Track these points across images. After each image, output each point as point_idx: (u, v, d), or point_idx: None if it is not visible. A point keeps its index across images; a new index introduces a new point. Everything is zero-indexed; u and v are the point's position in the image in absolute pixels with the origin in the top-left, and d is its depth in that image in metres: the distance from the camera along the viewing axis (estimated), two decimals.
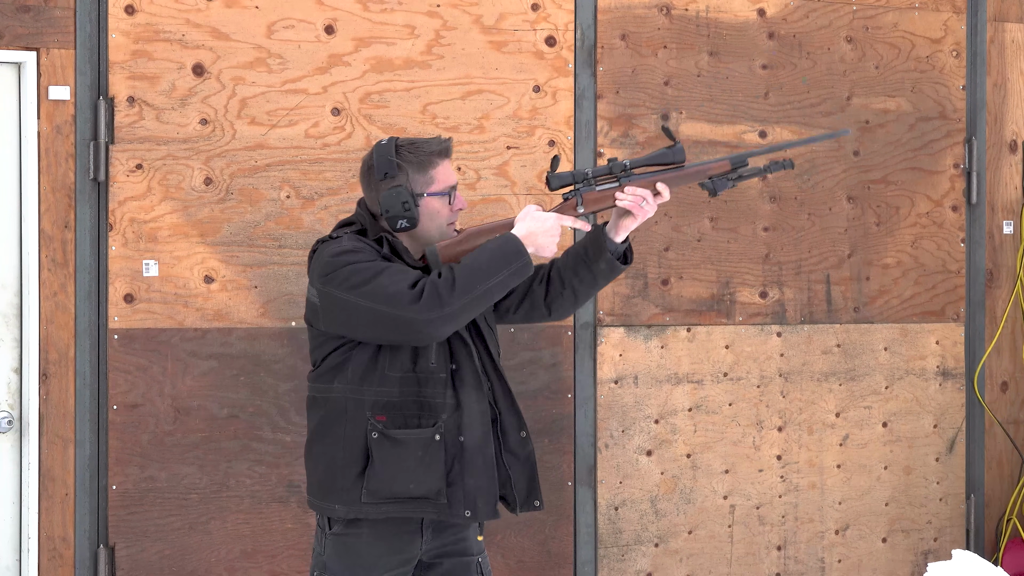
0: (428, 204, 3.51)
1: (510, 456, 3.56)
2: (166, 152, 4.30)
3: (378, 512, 3.44)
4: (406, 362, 3.44)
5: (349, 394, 3.46)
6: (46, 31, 4.20)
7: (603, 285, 3.63)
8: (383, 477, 3.43)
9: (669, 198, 3.55)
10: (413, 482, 3.42)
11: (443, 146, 3.53)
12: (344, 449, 3.46)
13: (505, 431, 3.56)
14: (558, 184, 3.53)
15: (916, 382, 5.12)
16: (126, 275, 4.27)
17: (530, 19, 4.63)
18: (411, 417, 3.44)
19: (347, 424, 3.47)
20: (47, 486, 4.23)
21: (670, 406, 4.83)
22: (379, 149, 3.52)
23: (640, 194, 3.51)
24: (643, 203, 3.51)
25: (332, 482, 3.48)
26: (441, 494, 3.44)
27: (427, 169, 3.51)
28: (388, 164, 3.48)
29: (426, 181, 3.50)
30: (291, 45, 4.41)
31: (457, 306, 3.33)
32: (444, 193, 3.52)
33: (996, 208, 5.22)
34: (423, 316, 3.32)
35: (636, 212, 3.52)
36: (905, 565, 5.11)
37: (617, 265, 3.57)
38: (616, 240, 3.57)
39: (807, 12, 4.96)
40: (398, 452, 3.43)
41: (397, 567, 3.49)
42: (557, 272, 3.64)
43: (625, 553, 4.78)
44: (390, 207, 3.46)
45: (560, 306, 3.67)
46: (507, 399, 3.57)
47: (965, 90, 5.16)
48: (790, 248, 4.95)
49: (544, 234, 3.45)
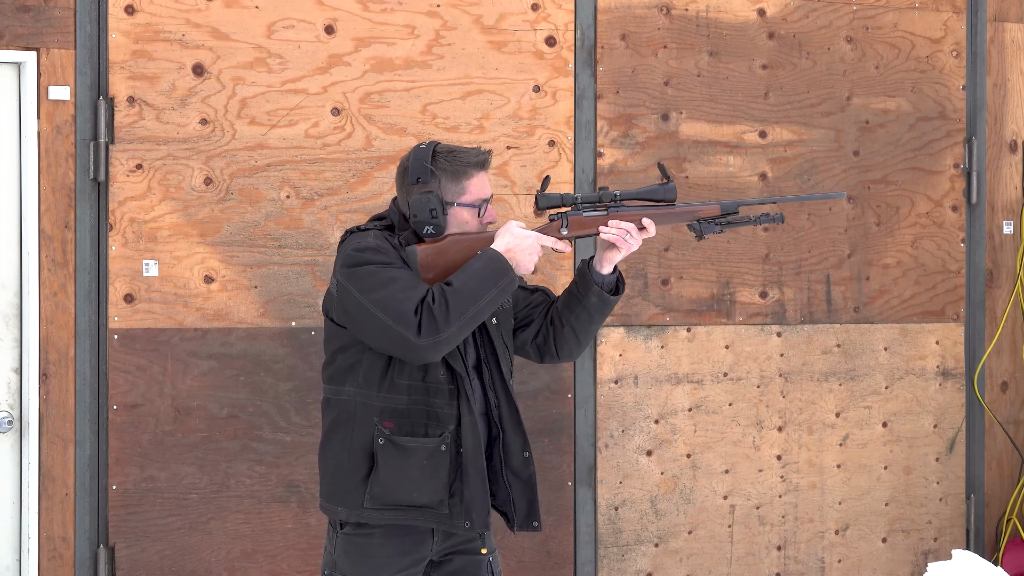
0: (457, 214, 3.51)
1: (512, 475, 3.57)
2: (166, 152, 4.30)
3: (380, 518, 3.45)
4: (416, 371, 3.45)
5: (359, 398, 3.47)
6: (46, 31, 4.20)
7: (600, 320, 3.63)
8: (387, 483, 3.43)
9: (655, 234, 3.56)
10: (416, 490, 3.43)
11: (481, 158, 3.53)
12: (351, 453, 3.47)
13: (509, 450, 3.57)
14: (546, 204, 3.54)
15: (916, 382, 5.12)
16: (126, 275, 4.27)
17: (530, 19, 4.63)
18: (419, 426, 3.45)
19: (355, 428, 3.47)
20: (47, 486, 4.23)
21: (670, 406, 4.83)
22: (417, 153, 3.52)
23: (625, 227, 3.52)
24: (627, 236, 3.52)
25: (338, 485, 3.49)
26: (443, 504, 3.45)
27: (461, 179, 3.50)
28: (422, 169, 3.49)
29: (458, 191, 3.51)
30: (291, 45, 4.41)
31: (453, 330, 3.36)
32: (474, 205, 3.52)
33: (996, 208, 5.22)
34: (422, 342, 3.34)
35: (620, 245, 3.52)
36: (905, 565, 5.11)
37: (607, 298, 3.58)
38: (603, 272, 3.58)
39: (807, 12, 4.96)
40: (403, 459, 3.43)
41: (408, 567, 3.49)
42: (556, 312, 3.66)
43: (625, 553, 4.78)
44: (418, 212, 3.47)
45: (564, 346, 3.68)
46: (513, 418, 3.58)
47: (965, 90, 5.16)
48: (790, 248, 4.95)
49: (523, 251, 3.47)
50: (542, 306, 3.70)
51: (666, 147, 4.80)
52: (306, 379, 4.38)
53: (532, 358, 3.75)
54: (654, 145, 4.77)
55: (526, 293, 3.72)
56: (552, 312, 3.66)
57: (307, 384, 4.38)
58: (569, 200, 3.54)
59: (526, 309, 3.69)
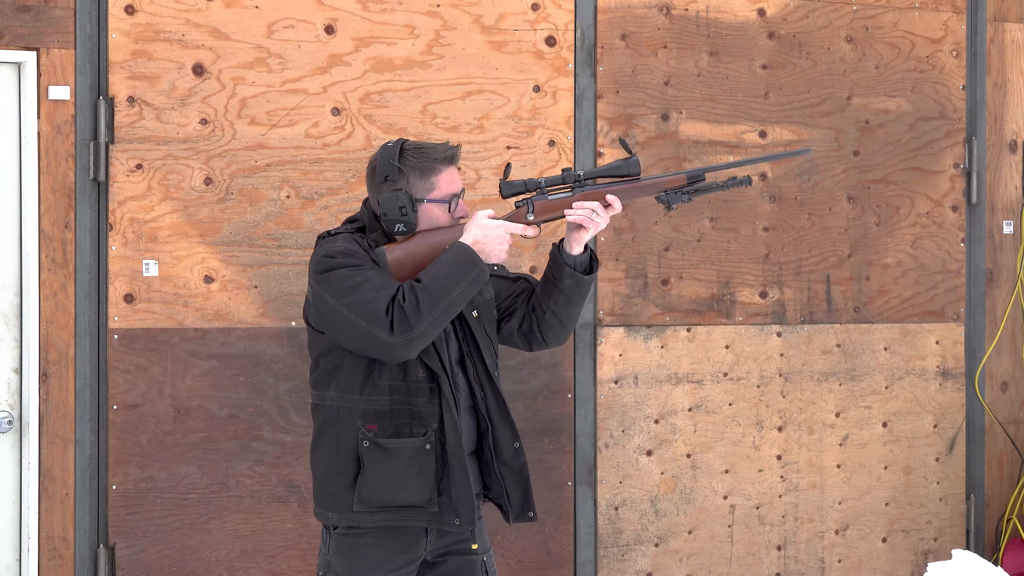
0: (427, 210, 3.51)
1: (503, 467, 3.57)
2: (166, 152, 4.30)
3: (370, 521, 3.45)
4: (396, 371, 3.45)
5: (341, 402, 3.47)
6: (46, 31, 4.20)
7: (579, 301, 3.62)
8: (374, 486, 3.43)
9: (621, 210, 3.54)
10: (404, 491, 3.43)
11: (448, 153, 3.52)
12: (337, 457, 3.47)
13: (498, 442, 3.57)
14: (509, 192, 3.54)
15: (916, 382, 5.12)
16: (126, 275, 4.27)
17: (530, 19, 4.63)
18: (403, 426, 3.45)
19: (340, 432, 3.48)
20: (47, 486, 4.23)
21: (670, 406, 4.83)
22: (384, 151, 3.52)
23: (589, 206, 3.51)
24: (593, 215, 3.52)
25: (327, 490, 3.50)
26: (432, 503, 3.45)
27: (429, 175, 3.50)
28: (390, 168, 3.49)
29: (427, 187, 3.50)
30: (291, 45, 4.42)
31: (425, 326, 3.36)
32: (444, 201, 3.51)
33: (996, 208, 5.22)
34: (395, 340, 3.34)
35: (586, 224, 3.52)
36: (905, 565, 5.11)
37: (581, 278, 3.57)
38: (573, 253, 3.57)
39: (807, 12, 4.96)
40: (389, 461, 3.43)
41: (401, 567, 3.50)
42: (536, 299, 3.65)
43: (625, 553, 4.78)
44: (388, 211, 3.47)
45: (549, 331, 3.67)
46: (501, 410, 3.58)
47: (965, 90, 5.16)
48: (790, 248, 4.95)
49: (491, 241, 3.46)
50: (524, 294, 3.69)
51: (666, 147, 4.80)
52: (306, 379, 4.37)
53: (521, 347, 3.74)
54: (654, 145, 4.77)
55: (508, 283, 3.71)
56: (533, 299, 3.66)
57: (307, 384, 4.37)
58: (533, 185, 3.54)
59: (509, 299, 3.69)
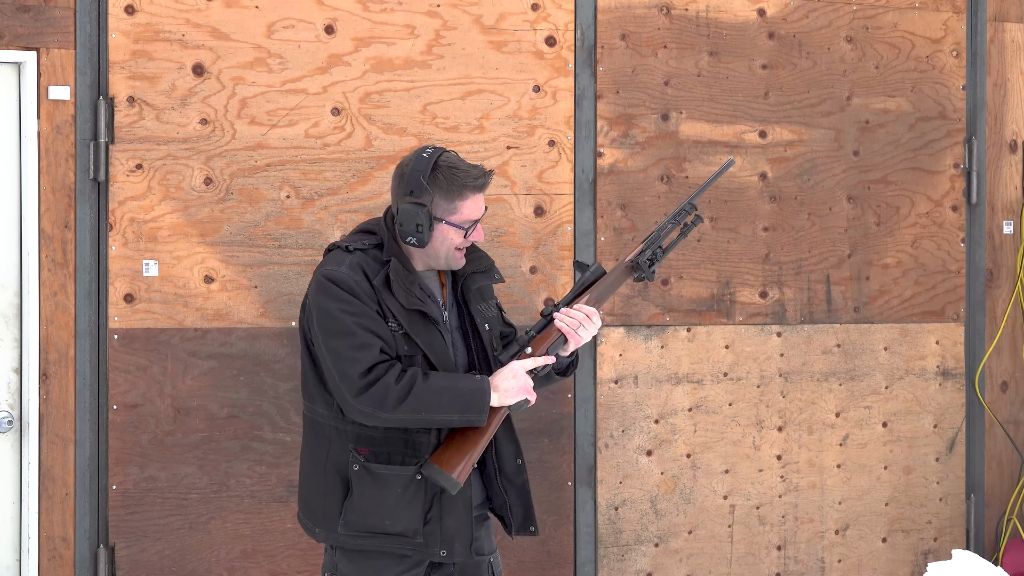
0: (443, 230, 3.50)
1: (506, 482, 3.59)
2: (166, 152, 4.30)
3: (354, 543, 3.44)
4: None
5: (332, 422, 3.46)
6: (46, 31, 4.20)
7: (543, 385, 3.69)
8: (361, 510, 3.42)
9: (602, 313, 3.75)
10: (390, 518, 3.41)
11: (480, 181, 3.51)
12: (326, 475, 3.46)
13: (502, 457, 3.58)
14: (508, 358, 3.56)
15: (916, 382, 5.12)
16: (126, 275, 4.27)
17: (530, 19, 4.63)
18: (395, 454, 3.44)
19: (331, 451, 3.47)
20: (47, 486, 4.23)
21: (670, 406, 4.83)
22: (418, 162, 3.50)
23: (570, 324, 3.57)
24: (578, 329, 3.58)
25: (313, 504, 3.49)
26: (418, 533, 3.43)
27: (455, 199, 3.49)
28: (417, 183, 3.47)
29: (449, 209, 3.49)
30: (291, 45, 4.41)
31: (394, 420, 3.37)
32: (462, 227, 3.51)
33: (996, 208, 5.22)
34: (360, 408, 3.35)
35: (572, 339, 3.59)
36: (905, 565, 5.11)
37: (554, 376, 3.68)
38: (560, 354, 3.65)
39: (807, 12, 4.96)
40: (378, 487, 3.42)
41: (409, 569, 3.49)
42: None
43: (625, 553, 4.78)
44: (404, 222, 3.47)
45: None
46: (506, 426, 3.59)
47: (965, 90, 5.16)
48: (790, 248, 4.95)
49: (512, 391, 3.49)
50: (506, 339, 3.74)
51: (666, 147, 4.80)
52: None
53: None
54: (654, 145, 4.77)
55: (503, 324, 3.75)
56: None
57: None
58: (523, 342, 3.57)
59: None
